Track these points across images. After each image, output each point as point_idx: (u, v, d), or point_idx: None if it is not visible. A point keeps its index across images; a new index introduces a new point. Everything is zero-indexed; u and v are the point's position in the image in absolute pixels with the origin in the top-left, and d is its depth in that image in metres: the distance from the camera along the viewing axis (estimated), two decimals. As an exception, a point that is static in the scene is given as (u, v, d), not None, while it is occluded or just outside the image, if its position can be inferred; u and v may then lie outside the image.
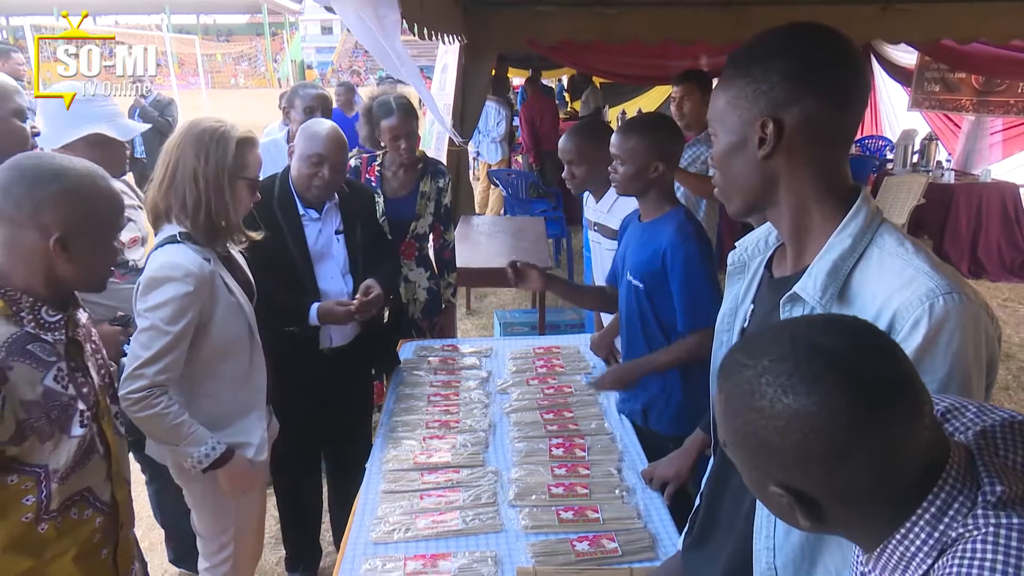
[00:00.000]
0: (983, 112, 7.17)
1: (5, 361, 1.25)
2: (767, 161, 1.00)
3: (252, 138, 1.92)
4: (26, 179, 1.29)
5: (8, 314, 1.30)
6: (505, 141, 8.01)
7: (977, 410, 0.80)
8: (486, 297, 6.10)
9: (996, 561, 0.66)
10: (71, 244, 1.32)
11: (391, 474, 1.97)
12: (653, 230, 2.09)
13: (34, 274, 1.32)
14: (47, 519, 1.35)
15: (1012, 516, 0.68)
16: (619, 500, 1.84)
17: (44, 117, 2.24)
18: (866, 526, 0.75)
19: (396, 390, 2.49)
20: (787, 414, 0.69)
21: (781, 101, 0.97)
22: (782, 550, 1.04)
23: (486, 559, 1.62)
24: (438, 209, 3.03)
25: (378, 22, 2.52)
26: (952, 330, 0.89)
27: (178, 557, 2.82)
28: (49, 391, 1.32)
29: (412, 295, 3.08)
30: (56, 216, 1.30)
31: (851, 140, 1.04)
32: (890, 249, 0.96)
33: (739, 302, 1.20)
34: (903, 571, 0.73)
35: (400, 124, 2.82)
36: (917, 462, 0.71)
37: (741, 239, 1.22)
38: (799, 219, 1.03)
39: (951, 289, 0.90)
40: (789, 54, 0.97)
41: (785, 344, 0.72)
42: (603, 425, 2.22)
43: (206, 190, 1.82)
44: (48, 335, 1.34)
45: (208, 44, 38.91)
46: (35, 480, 1.32)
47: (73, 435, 1.36)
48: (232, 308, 1.88)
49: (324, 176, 2.33)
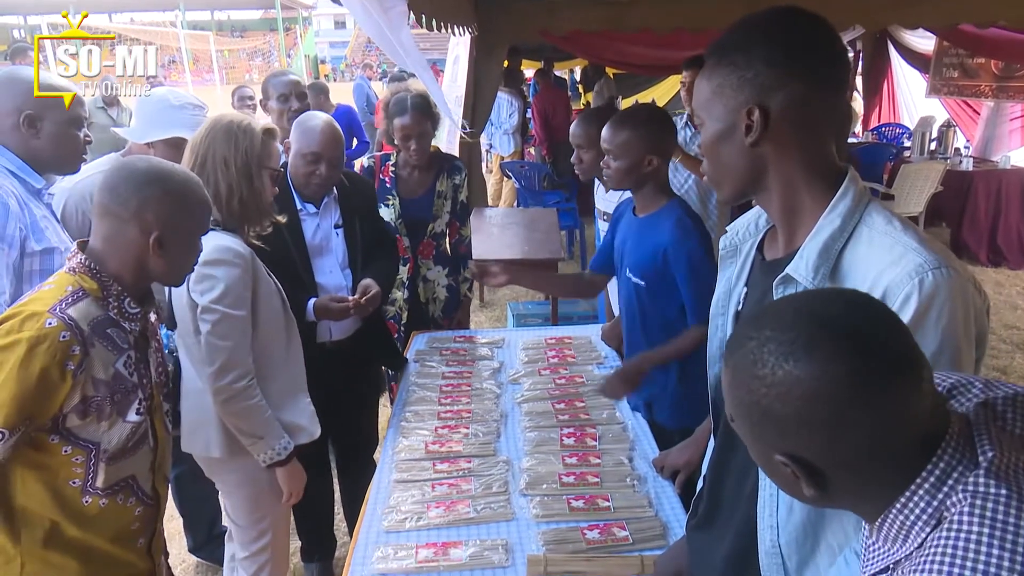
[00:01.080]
0: (1002, 98, 7.06)
1: (90, 338, 1.37)
2: (755, 148, 1.01)
3: (274, 129, 2.00)
4: (134, 180, 1.42)
5: (98, 297, 1.42)
6: (518, 133, 7.99)
7: (983, 385, 0.80)
8: (499, 289, 6.11)
9: (982, 534, 0.66)
10: (167, 242, 1.44)
11: (403, 463, 1.99)
12: (651, 225, 2.06)
13: (126, 265, 1.44)
14: (92, 494, 1.44)
15: (1001, 486, 0.68)
16: (630, 489, 1.85)
17: (138, 113, 2.46)
18: (868, 495, 0.76)
19: (408, 381, 2.51)
20: (788, 380, 0.71)
21: (766, 88, 0.98)
22: (785, 528, 1.06)
23: (497, 547, 1.64)
24: (454, 206, 3.00)
25: (384, 14, 2.52)
26: (942, 304, 0.90)
27: (196, 546, 2.87)
28: (118, 374, 1.43)
29: (432, 294, 3.05)
30: (158, 216, 1.42)
31: (837, 122, 1.05)
32: (879, 227, 0.98)
33: (732, 285, 1.22)
34: (903, 541, 0.74)
35: (412, 124, 2.76)
36: (918, 430, 0.72)
37: (732, 223, 1.23)
38: (789, 202, 1.04)
39: (939, 264, 0.91)
40: (771, 40, 0.98)
41: (787, 315, 0.74)
42: (614, 414, 2.23)
43: (237, 178, 1.88)
44: (126, 324, 1.46)
45: (222, 40, 39.13)
46: (86, 454, 1.42)
47: (128, 420, 1.46)
48: (270, 288, 1.96)
49: (322, 173, 2.33)
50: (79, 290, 1.38)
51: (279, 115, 3.05)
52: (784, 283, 1.02)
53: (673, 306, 2.03)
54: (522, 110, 8.03)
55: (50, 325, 1.31)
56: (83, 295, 1.38)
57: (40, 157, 1.94)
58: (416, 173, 2.94)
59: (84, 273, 1.41)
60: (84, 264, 1.41)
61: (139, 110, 2.44)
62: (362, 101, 11.24)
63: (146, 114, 2.43)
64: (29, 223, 1.87)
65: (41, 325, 1.30)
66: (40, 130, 1.92)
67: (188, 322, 1.87)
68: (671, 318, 2.05)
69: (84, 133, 2.04)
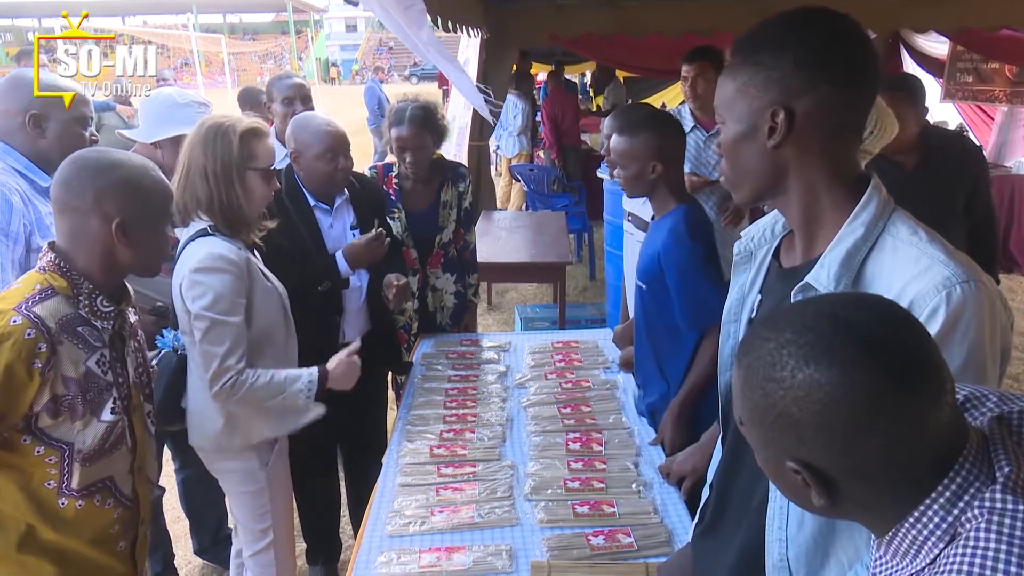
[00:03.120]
0: (1017, 103, 6.99)
1: (58, 335, 1.35)
2: (777, 150, 0.99)
3: (257, 128, 1.94)
4: (87, 171, 1.42)
5: (68, 295, 1.41)
6: (523, 135, 7.99)
7: (998, 399, 0.78)
8: (507, 292, 6.11)
9: (999, 551, 0.64)
10: (130, 229, 1.43)
11: (408, 467, 1.98)
12: (656, 230, 2.05)
13: (94, 258, 1.43)
14: (67, 496, 1.42)
15: (1019, 502, 0.66)
16: (636, 495, 1.83)
17: (143, 113, 2.46)
18: (880, 507, 0.74)
19: (414, 384, 2.50)
20: (808, 384, 0.69)
21: (793, 89, 0.95)
22: (795, 542, 1.03)
23: (500, 552, 1.62)
24: (459, 213, 2.96)
25: (403, 13, 2.54)
26: (970, 319, 0.88)
27: (202, 548, 2.87)
28: (90, 372, 1.41)
29: (440, 302, 3.03)
30: (116, 203, 1.41)
31: (862, 127, 1.02)
32: (904, 238, 0.95)
33: (746, 292, 1.19)
34: (913, 556, 0.72)
35: (407, 136, 2.70)
36: (936, 443, 0.70)
37: (747, 228, 1.20)
38: (810, 208, 1.02)
39: (967, 277, 0.89)
40: (801, 41, 0.96)
41: (808, 317, 0.72)
42: (620, 419, 2.21)
43: (216, 185, 1.86)
44: (98, 322, 1.44)
45: (234, 43, 39.35)
46: (59, 455, 1.40)
47: (103, 419, 1.44)
48: (268, 292, 1.96)
49: (344, 165, 2.36)
50: (47, 288, 1.38)
51: (283, 118, 3.01)
52: (804, 292, 0.99)
53: (673, 312, 2.01)
54: (529, 112, 8.03)
55: (14, 323, 1.30)
56: (51, 293, 1.38)
57: (46, 156, 1.95)
58: (420, 184, 2.89)
59: (54, 271, 1.40)
60: (53, 262, 1.41)
61: (144, 110, 2.44)
62: (373, 104, 11.30)
63: (151, 114, 2.43)
64: (34, 219, 1.90)
65: (5, 323, 1.30)
66: (46, 129, 1.95)
67: (186, 324, 1.88)
68: (673, 323, 2.02)
69: (90, 132, 2.05)
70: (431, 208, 2.91)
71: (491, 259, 4.00)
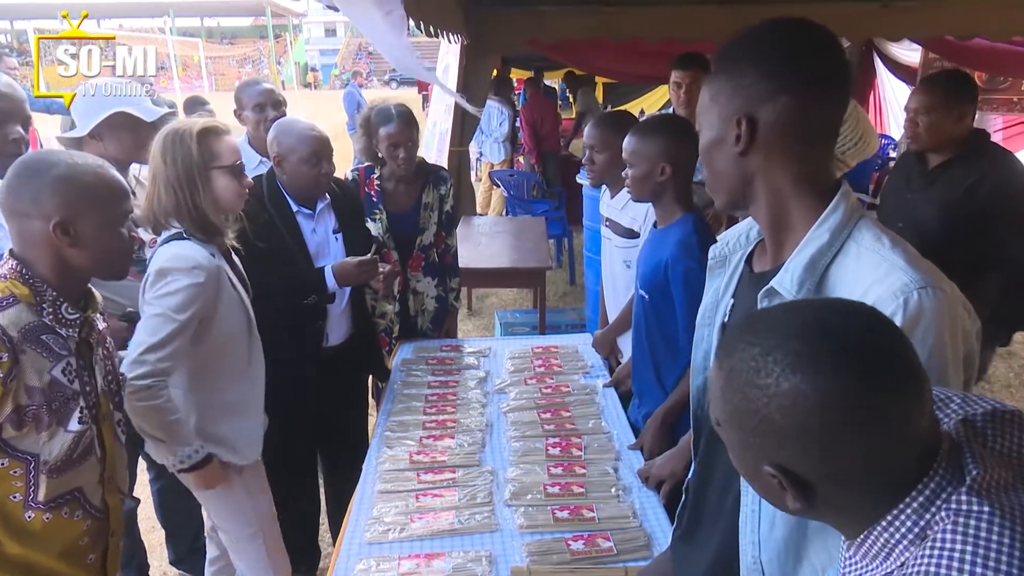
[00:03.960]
0: (986, 110, 7.12)
1: (20, 344, 1.32)
2: (744, 157, 1.01)
3: (213, 127, 1.90)
4: (25, 173, 1.38)
5: (31, 303, 1.37)
6: (508, 141, 8.01)
7: (961, 400, 0.80)
8: (487, 297, 6.10)
9: (965, 552, 0.65)
10: (72, 227, 1.38)
11: (387, 474, 1.97)
12: (662, 239, 2.04)
13: (47, 263, 1.39)
14: (34, 508, 1.39)
15: (984, 504, 0.67)
16: (615, 499, 1.84)
17: (74, 112, 2.34)
18: (855, 511, 0.75)
19: (394, 390, 2.49)
20: (793, 392, 0.69)
21: (756, 99, 0.98)
22: (767, 544, 1.04)
23: (480, 559, 1.62)
24: (440, 216, 2.98)
25: (384, 18, 2.52)
26: (927, 325, 0.89)
27: (178, 558, 2.83)
28: (55, 381, 1.38)
29: (421, 306, 3.03)
30: (54, 201, 1.37)
31: (832, 136, 1.04)
32: (867, 244, 0.96)
33: (720, 296, 1.21)
34: (884, 559, 0.73)
35: (399, 131, 2.74)
36: (914, 449, 0.71)
37: (723, 233, 1.23)
38: (777, 214, 1.04)
39: (926, 283, 0.90)
40: (766, 52, 0.98)
41: (795, 324, 0.72)
42: (600, 424, 2.22)
43: (182, 192, 1.83)
44: (63, 330, 1.41)
45: (212, 47, 39.01)
46: (24, 467, 1.37)
47: (70, 429, 1.40)
48: (234, 302, 1.92)
49: (327, 169, 2.37)
50: (9, 296, 1.35)
51: (255, 125, 2.96)
52: (768, 296, 1.01)
53: (674, 322, 2.00)
54: (512, 118, 8.05)
55: None
56: (13, 301, 1.34)
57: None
58: (402, 186, 2.91)
59: (15, 279, 1.37)
60: (15, 270, 1.38)
61: (75, 109, 2.32)
62: (353, 108, 11.25)
63: (80, 109, 2.32)
64: None
65: None
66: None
67: None
68: (672, 334, 2.02)
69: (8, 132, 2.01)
70: (412, 209, 2.92)
71: (471, 264, 4.00)
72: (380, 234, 2.86)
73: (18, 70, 5.43)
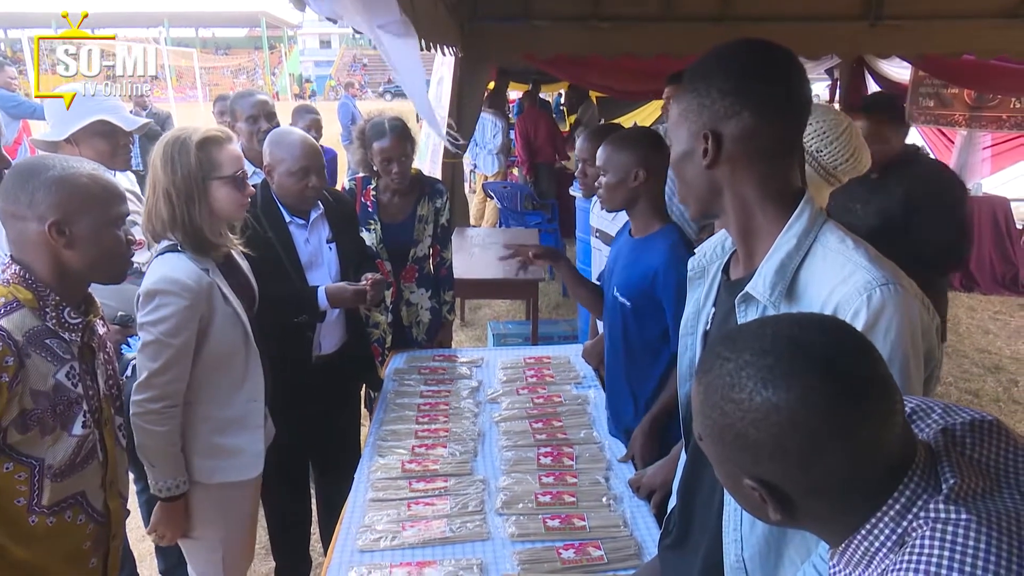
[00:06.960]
0: (975, 127, 7.22)
1: (25, 348, 1.33)
2: (711, 170, 1.06)
3: (215, 136, 1.88)
4: (20, 177, 1.39)
5: (34, 307, 1.38)
6: (502, 153, 8.05)
7: (943, 410, 0.82)
8: (480, 309, 6.12)
9: (943, 558, 0.66)
10: (68, 228, 1.39)
11: (379, 482, 1.98)
12: (645, 248, 2.05)
13: (46, 266, 1.40)
14: (38, 513, 1.39)
15: (961, 511, 0.69)
16: (606, 508, 1.85)
17: (48, 115, 2.33)
18: (835, 521, 0.77)
19: (386, 399, 2.50)
20: (766, 407, 0.71)
21: (721, 115, 1.03)
22: (748, 542, 1.08)
23: (472, 567, 1.63)
24: (436, 229, 2.99)
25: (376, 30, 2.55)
26: (890, 319, 0.95)
27: (168, 567, 2.80)
28: (59, 385, 1.39)
29: (415, 317, 3.04)
30: (48, 202, 1.38)
31: (792, 149, 1.08)
32: (832, 246, 1.02)
33: (701, 306, 1.25)
34: (865, 567, 0.74)
35: (392, 146, 2.75)
36: (888, 459, 0.73)
37: (700, 245, 1.28)
38: (745, 223, 1.09)
39: (887, 280, 0.96)
40: (728, 71, 1.03)
41: (767, 340, 0.74)
42: (591, 434, 2.23)
43: (179, 203, 1.83)
44: (66, 334, 1.41)
45: (207, 57, 39.06)
46: (29, 471, 1.37)
47: (74, 434, 1.42)
48: (229, 317, 1.90)
49: (314, 184, 2.36)
50: (12, 301, 1.35)
51: (249, 137, 2.97)
52: (745, 301, 1.06)
53: (656, 329, 2.02)
54: (506, 130, 8.10)
55: None
56: (17, 306, 1.35)
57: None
58: (397, 198, 2.92)
59: (18, 284, 1.38)
60: (17, 274, 1.39)
61: (49, 110, 2.31)
62: (347, 119, 11.27)
63: (57, 111, 2.29)
64: None
65: None
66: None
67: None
68: (652, 341, 2.03)
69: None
70: (407, 221, 2.94)
71: (464, 275, 4.02)
72: (374, 244, 2.87)
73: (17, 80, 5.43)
